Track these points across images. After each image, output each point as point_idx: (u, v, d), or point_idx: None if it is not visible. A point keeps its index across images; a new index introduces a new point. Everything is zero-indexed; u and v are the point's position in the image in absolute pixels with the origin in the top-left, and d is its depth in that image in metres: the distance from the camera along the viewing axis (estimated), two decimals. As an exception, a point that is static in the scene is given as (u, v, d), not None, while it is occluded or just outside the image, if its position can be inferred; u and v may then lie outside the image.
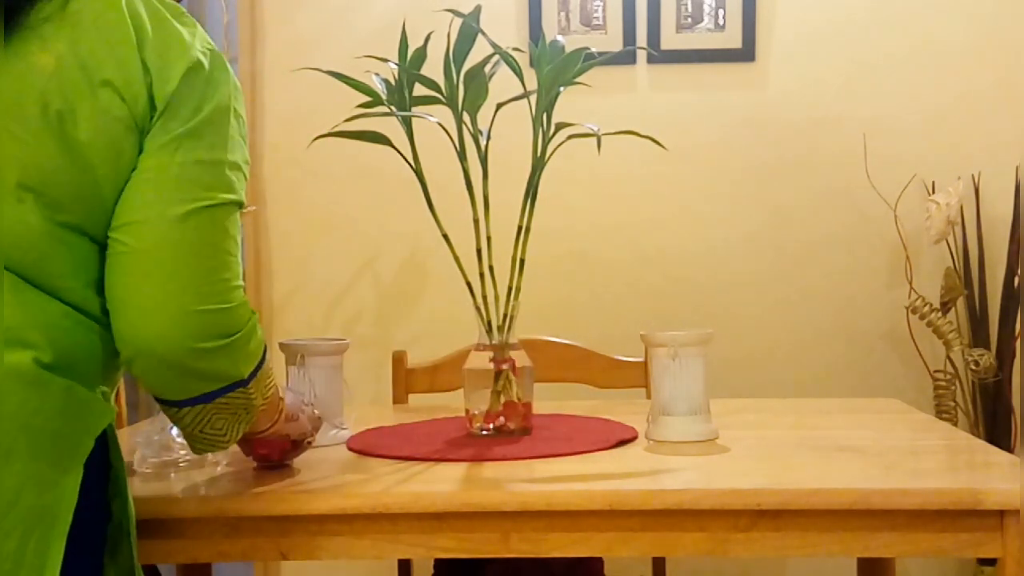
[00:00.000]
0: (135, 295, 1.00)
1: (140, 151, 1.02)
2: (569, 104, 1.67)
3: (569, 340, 2.04)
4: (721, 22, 2.46)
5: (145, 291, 1.00)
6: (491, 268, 1.49)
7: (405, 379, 2.01)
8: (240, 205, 1.08)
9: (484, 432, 1.48)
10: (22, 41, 0.98)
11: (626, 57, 2.48)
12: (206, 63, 1.06)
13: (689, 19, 2.47)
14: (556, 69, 1.45)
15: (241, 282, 1.07)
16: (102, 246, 1.02)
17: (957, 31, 2.44)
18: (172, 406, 1.08)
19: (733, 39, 2.46)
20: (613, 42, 2.46)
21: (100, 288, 1.02)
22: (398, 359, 2.01)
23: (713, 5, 2.46)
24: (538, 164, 1.49)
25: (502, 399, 1.47)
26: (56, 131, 0.97)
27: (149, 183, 1.01)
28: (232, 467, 1.34)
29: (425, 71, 1.48)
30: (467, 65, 1.46)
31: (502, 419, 1.47)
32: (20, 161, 0.97)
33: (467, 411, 1.51)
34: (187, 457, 1.37)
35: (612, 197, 2.51)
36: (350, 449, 1.44)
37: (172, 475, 1.30)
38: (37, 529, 0.93)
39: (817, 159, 2.48)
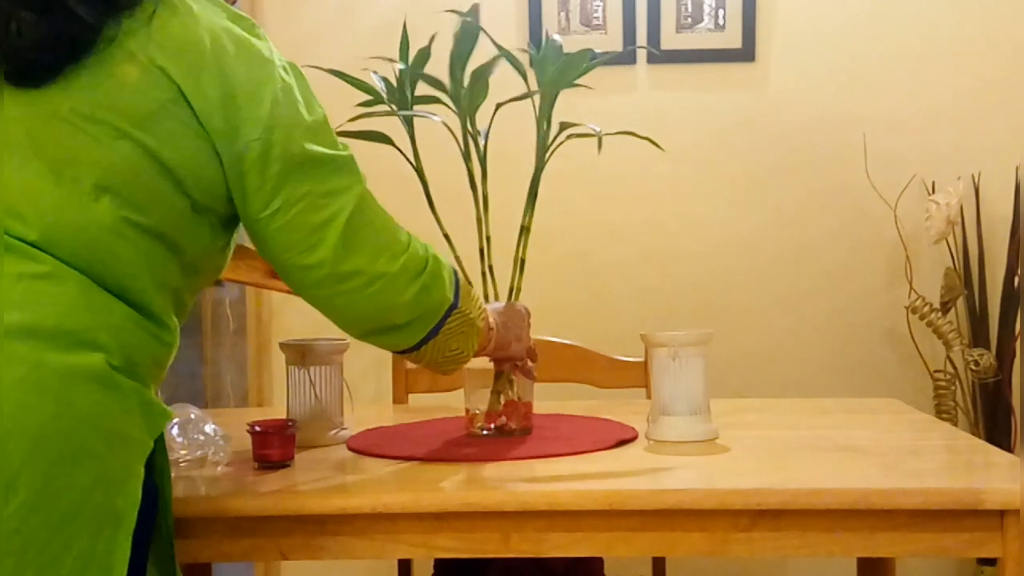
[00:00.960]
0: (334, 297, 1.14)
1: (239, 163, 1.06)
2: (569, 104, 1.66)
3: (569, 340, 2.04)
4: (721, 22, 2.46)
5: (342, 293, 1.13)
6: (491, 268, 1.49)
7: (405, 379, 2.01)
8: (362, 184, 1.15)
9: (485, 432, 1.48)
10: (107, 53, 1.02)
11: (626, 57, 2.48)
12: (288, 77, 1.10)
13: (689, 19, 2.47)
14: (559, 70, 1.45)
15: (394, 224, 1.18)
16: (173, 250, 1.06)
17: (957, 31, 2.44)
18: (411, 351, 1.24)
19: (733, 39, 2.46)
20: (613, 42, 2.46)
21: (163, 292, 1.05)
22: (398, 359, 2.01)
23: (713, 5, 2.46)
24: (540, 165, 1.49)
25: (502, 399, 1.47)
26: (135, 137, 1.01)
27: (295, 223, 1.09)
28: (232, 467, 1.34)
29: (427, 71, 1.48)
30: (471, 64, 1.46)
31: (503, 419, 1.47)
32: (99, 163, 1.00)
33: (467, 411, 1.51)
34: (187, 457, 1.37)
35: (612, 197, 2.51)
36: (350, 449, 1.44)
37: (172, 475, 1.30)
38: (106, 528, 0.95)
39: (817, 159, 2.48)
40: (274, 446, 1.33)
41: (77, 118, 1.00)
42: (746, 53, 2.47)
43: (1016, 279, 2.32)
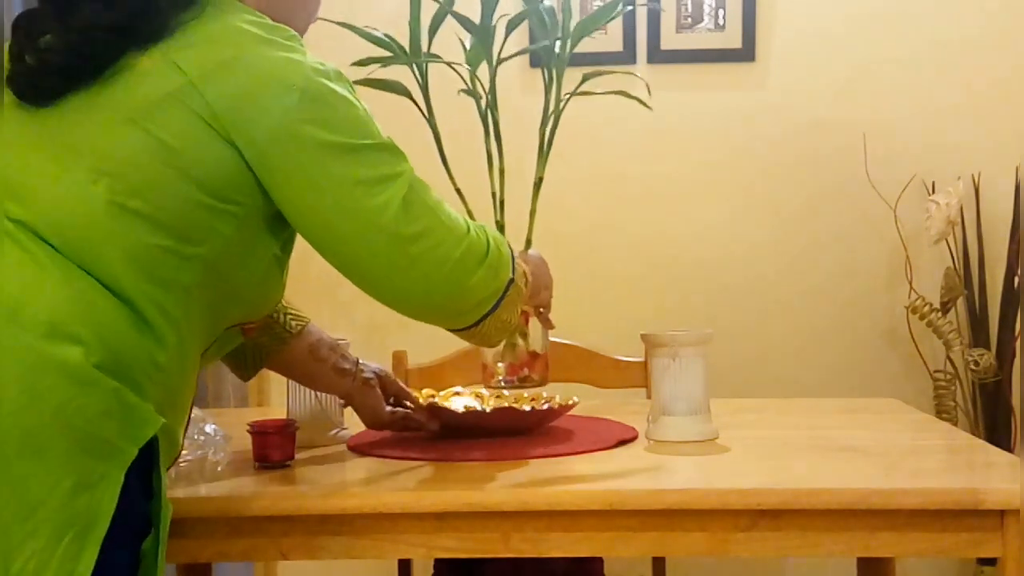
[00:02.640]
0: (402, 287, 1.12)
1: (263, 167, 1.04)
2: (570, 104, 1.66)
3: (569, 340, 2.03)
4: (721, 22, 2.46)
5: (410, 281, 1.12)
6: (503, 220, 1.53)
7: (405, 379, 2.01)
8: (407, 170, 1.12)
9: (504, 383, 1.48)
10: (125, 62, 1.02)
11: (626, 57, 2.48)
12: (326, 82, 1.06)
13: (689, 19, 2.47)
14: (590, 17, 1.50)
15: (450, 210, 1.16)
16: (176, 241, 1.01)
17: (957, 31, 2.44)
18: (472, 327, 1.21)
19: (733, 39, 2.46)
20: (613, 42, 2.46)
21: (157, 287, 1.00)
22: (398, 359, 2.01)
23: (713, 5, 2.46)
24: (556, 114, 1.52)
25: (518, 351, 1.47)
26: (134, 120, 0.99)
27: (346, 213, 1.07)
28: (232, 467, 1.34)
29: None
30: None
31: (525, 370, 1.47)
32: (98, 144, 0.99)
33: (484, 366, 1.50)
34: (187, 457, 1.36)
35: (612, 197, 2.50)
36: (350, 449, 1.44)
37: (172, 475, 1.30)
38: (68, 532, 0.92)
39: (817, 159, 2.47)
40: (274, 446, 1.33)
41: (81, 104, 1.00)
42: (746, 53, 2.46)
43: (1016, 279, 2.32)
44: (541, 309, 1.47)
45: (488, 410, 1.46)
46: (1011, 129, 2.42)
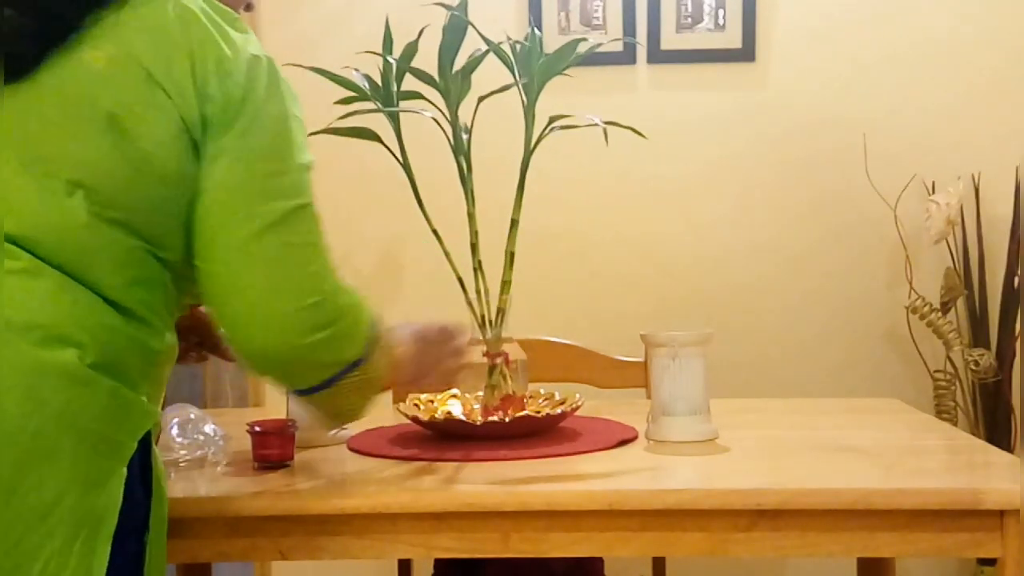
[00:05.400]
0: (231, 310, 1.04)
1: (199, 156, 1.02)
2: (569, 104, 1.66)
3: (569, 340, 2.03)
4: (721, 22, 2.46)
5: (239, 306, 1.04)
6: (480, 263, 1.49)
7: (405, 379, 2.01)
8: (310, 205, 1.07)
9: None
10: (75, 42, 1.00)
11: (626, 57, 2.48)
12: (262, 71, 1.05)
13: (689, 19, 2.47)
14: (546, 63, 1.46)
15: (331, 267, 1.08)
16: (150, 245, 1.02)
17: (957, 31, 2.44)
18: (301, 394, 1.13)
19: (733, 39, 2.46)
20: (613, 42, 2.46)
21: (145, 288, 1.02)
22: (398, 359, 2.01)
23: (713, 5, 2.46)
24: (527, 157, 1.50)
25: (497, 393, 1.47)
26: (108, 128, 0.99)
27: (218, 204, 1.02)
28: (232, 467, 1.34)
29: (420, 66, 1.48)
30: (460, 59, 1.46)
31: (500, 413, 1.47)
32: (73, 157, 0.98)
33: (463, 405, 1.51)
34: (187, 457, 1.37)
35: (612, 197, 2.50)
36: (350, 449, 1.44)
37: (172, 475, 1.30)
38: (82, 531, 0.93)
39: (817, 159, 2.47)
40: (274, 446, 1.33)
41: (52, 112, 0.99)
42: (746, 53, 2.46)
43: (1016, 279, 2.32)
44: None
45: (508, 420, 1.44)
46: (1011, 129, 2.42)
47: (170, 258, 1.05)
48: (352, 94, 1.48)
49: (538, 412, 1.47)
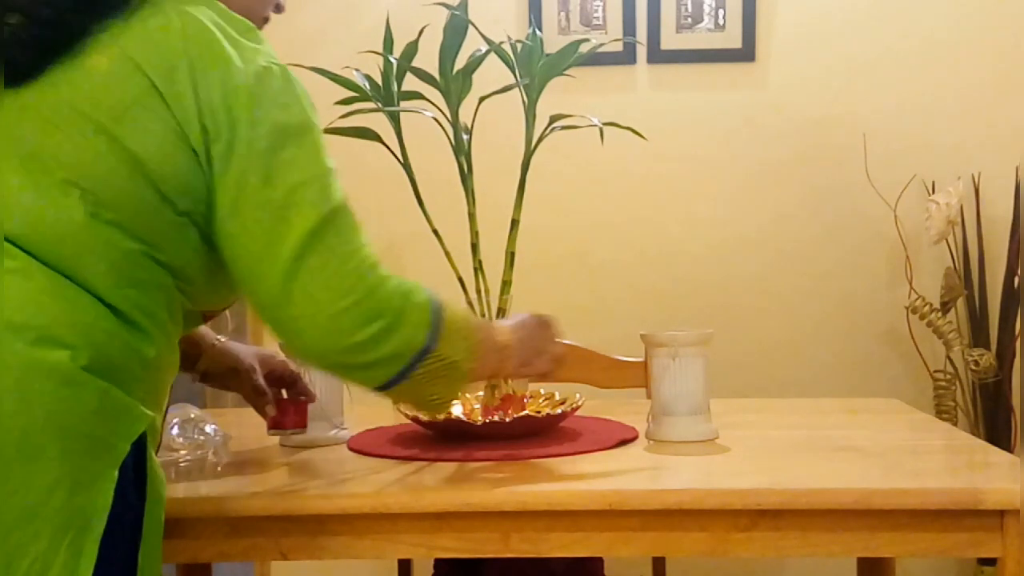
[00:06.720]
0: (283, 323, 1.05)
1: (205, 167, 1.02)
2: (569, 104, 1.66)
3: (569, 340, 2.03)
4: (721, 22, 2.46)
5: (289, 318, 1.04)
6: (480, 263, 1.49)
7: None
8: (340, 207, 1.06)
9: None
10: (82, 48, 1.00)
11: (626, 57, 2.48)
12: (274, 80, 1.04)
13: (689, 19, 2.47)
14: (547, 63, 1.46)
15: (371, 262, 1.07)
16: (149, 248, 1.02)
17: (957, 31, 2.44)
18: (380, 391, 1.12)
19: (733, 39, 2.46)
20: (613, 42, 2.46)
21: (141, 290, 1.01)
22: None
23: (713, 5, 2.46)
24: (527, 157, 1.50)
25: (497, 393, 1.47)
26: (104, 130, 0.99)
27: (249, 224, 1.02)
28: (232, 467, 1.34)
29: (420, 66, 1.48)
30: (460, 58, 1.46)
31: (500, 413, 1.46)
32: (69, 157, 0.98)
33: (463, 406, 1.51)
34: (187, 457, 1.37)
35: (612, 197, 2.50)
36: (350, 449, 1.44)
37: (172, 475, 1.30)
38: (69, 532, 0.92)
39: (817, 159, 2.47)
40: (289, 413, 1.41)
41: (50, 113, 0.99)
42: (746, 53, 2.46)
43: (1016, 279, 2.32)
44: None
45: (509, 420, 1.44)
46: (1011, 129, 2.42)
47: (172, 262, 1.04)
48: (353, 94, 1.48)
49: (538, 412, 1.48)
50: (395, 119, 1.49)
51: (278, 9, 1.25)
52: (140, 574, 1.01)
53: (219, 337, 1.40)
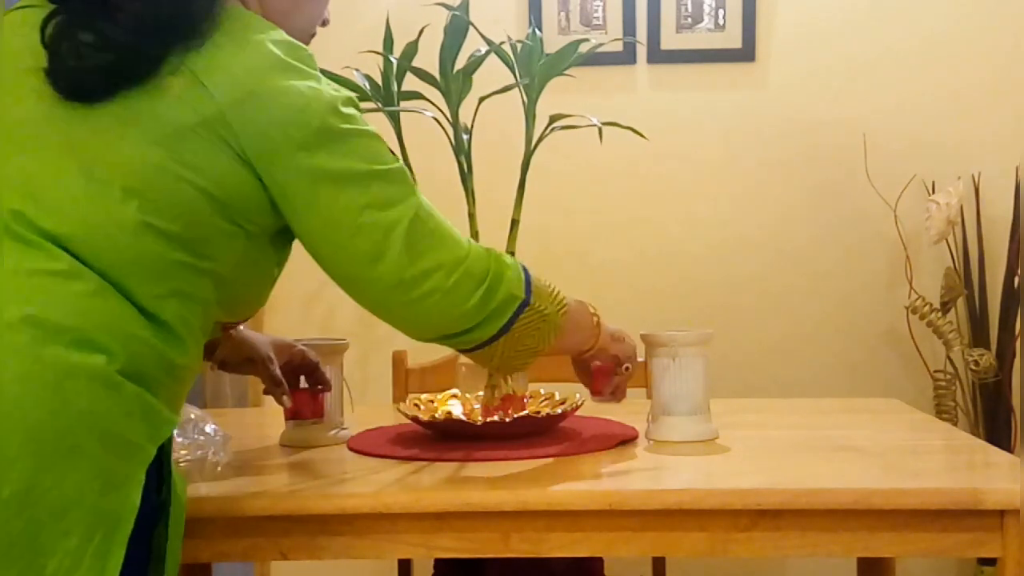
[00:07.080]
0: (402, 307, 1.15)
1: (271, 188, 1.07)
2: (569, 104, 1.66)
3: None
4: (721, 22, 2.46)
5: (408, 303, 1.14)
6: None
7: (405, 379, 2.01)
8: (412, 205, 1.14)
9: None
10: (156, 71, 1.03)
11: (626, 57, 2.48)
12: (330, 108, 1.08)
13: (689, 19, 2.47)
14: (547, 63, 1.46)
15: (456, 239, 1.17)
16: (202, 260, 1.05)
17: (957, 31, 2.44)
18: (483, 347, 1.22)
19: (733, 39, 2.46)
20: (613, 42, 2.46)
21: (181, 301, 1.04)
22: (398, 359, 2.01)
23: (713, 5, 2.46)
24: (527, 157, 1.50)
25: (497, 393, 1.47)
26: (168, 145, 1.01)
27: (353, 241, 1.10)
28: (232, 467, 1.34)
29: (420, 66, 1.48)
30: (460, 59, 1.46)
31: (500, 413, 1.46)
32: (129, 167, 1.01)
33: (463, 406, 1.51)
34: (187, 457, 1.36)
35: (612, 197, 2.51)
36: (350, 449, 1.44)
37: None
38: (99, 531, 0.94)
39: (817, 159, 2.48)
40: (307, 404, 1.45)
41: (116, 124, 1.01)
42: (746, 53, 2.47)
43: (1016, 279, 2.32)
44: (627, 367, 1.44)
45: (509, 420, 1.44)
46: (1011, 129, 2.42)
47: (218, 270, 1.07)
48: (353, 94, 1.48)
49: (538, 412, 1.47)
50: (395, 119, 1.49)
51: (324, 24, 1.27)
52: (165, 570, 1.04)
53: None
